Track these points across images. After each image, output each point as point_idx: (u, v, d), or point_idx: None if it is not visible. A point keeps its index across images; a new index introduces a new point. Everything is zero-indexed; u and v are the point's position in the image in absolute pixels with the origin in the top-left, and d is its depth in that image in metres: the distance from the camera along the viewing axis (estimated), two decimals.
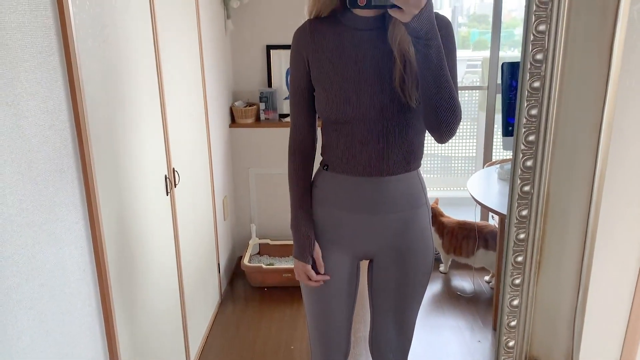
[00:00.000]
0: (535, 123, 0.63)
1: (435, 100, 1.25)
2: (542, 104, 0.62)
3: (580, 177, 0.62)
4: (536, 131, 0.63)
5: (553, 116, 0.62)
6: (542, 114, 0.62)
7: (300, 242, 1.50)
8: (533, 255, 0.68)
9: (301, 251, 1.50)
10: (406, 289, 1.52)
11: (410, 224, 1.47)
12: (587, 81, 0.59)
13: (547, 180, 0.64)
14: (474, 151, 4.82)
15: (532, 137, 0.63)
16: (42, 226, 1.24)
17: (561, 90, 0.61)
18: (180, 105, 2.29)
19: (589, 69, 0.59)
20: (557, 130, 0.62)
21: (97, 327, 1.50)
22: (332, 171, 1.46)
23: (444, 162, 4.96)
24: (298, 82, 1.45)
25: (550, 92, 0.61)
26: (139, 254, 1.80)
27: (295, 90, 1.47)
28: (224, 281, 3.19)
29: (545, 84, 0.61)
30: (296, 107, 1.48)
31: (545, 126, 0.62)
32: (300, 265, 1.52)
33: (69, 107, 1.35)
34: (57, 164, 1.30)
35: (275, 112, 3.34)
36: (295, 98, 1.47)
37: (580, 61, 0.59)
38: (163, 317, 2.05)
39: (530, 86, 0.61)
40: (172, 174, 2.14)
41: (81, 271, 1.41)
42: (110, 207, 1.58)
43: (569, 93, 0.60)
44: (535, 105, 0.62)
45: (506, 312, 0.70)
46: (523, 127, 0.63)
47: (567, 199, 0.64)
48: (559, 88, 0.60)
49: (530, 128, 0.63)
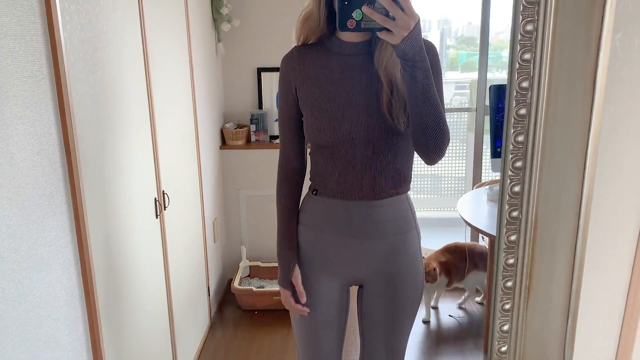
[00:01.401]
0: (522, 149, 0.63)
1: (424, 122, 1.26)
2: (528, 130, 0.63)
3: (568, 202, 0.63)
4: (523, 157, 0.64)
5: (540, 142, 0.62)
6: (529, 140, 0.63)
7: (281, 268, 1.52)
8: (522, 280, 0.68)
9: (282, 278, 1.52)
10: (397, 314, 1.51)
11: (400, 248, 1.46)
12: (573, 108, 0.60)
13: (535, 205, 0.65)
14: (464, 171, 4.85)
15: (519, 163, 0.64)
16: (30, 251, 1.23)
17: (547, 117, 0.61)
18: (170, 127, 2.29)
19: (573, 96, 0.60)
20: (543, 156, 0.63)
21: (84, 353, 1.47)
22: (321, 196, 1.46)
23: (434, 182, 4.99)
24: (286, 108, 1.46)
25: (536, 119, 0.62)
26: (127, 278, 1.78)
27: (284, 116, 1.47)
28: (214, 304, 3.16)
29: (532, 111, 0.62)
30: (285, 133, 1.49)
31: (532, 152, 0.63)
32: (283, 293, 1.53)
33: (59, 131, 1.35)
34: (45, 189, 1.29)
35: (266, 134, 3.35)
36: (284, 125, 1.48)
37: (565, 88, 0.60)
38: (152, 342, 2.02)
39: (517, 113, 0.62)
40: (162, 197, 2.13)
41: (69, 296, 1.39)
42: (98, 230, 1.57)
43: (554, 120, 0.61)
44: (522, 132, 0.63)
45: (496, 338, 0.70)
46: (510, 153, 0.64)
47: (555, 224, 0.65)
48: (545, 115, 0.61)
49: (517, 154, 0.64)
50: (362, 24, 1.18)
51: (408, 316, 1.53)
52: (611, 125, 0.61)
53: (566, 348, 0.67)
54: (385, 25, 1.14)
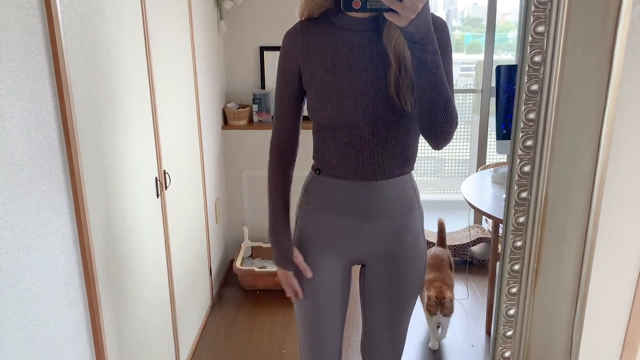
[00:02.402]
0: (533, 127, 0.61)
1: (431, 106, 1.23)
2: (540, 107, 0.60)
3: (580, 182, 0.61)
4: (534, 136, 0.61)
5: (552, 120, 0.60)
6: (541, 118, 0.60)
7: (279, 248, 1.49)
8: (530, 263, 0.65)
9: (281, 259, 1.49)
10: (399, 294, 1.50)
11: (403, 228, 1.45)
12: (587, 84, 0.57)
13: (545, 186, 0.62)
14: (468, 154, 4.82)
15: (530, 142, 0.61)
16: (27, 229, 1.21)
17: (560, 94, 0.59)
18: (171, 106, 2.26)
19: (589, 71, 0.57)
20: (555, 135, 0.60)
21: (84, 333, 1.47)
22: (324, 175, 1.44)
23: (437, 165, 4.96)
24: (287, 85, 1.41)
25: (548, 96, 0.59)
26: (128, 257, 1.77)
27: (282, 95, 1.42)
28: (216, 284, 3.16)
29: (544, 87, 0.59)
30: (282, 112, 1.44)
31: (543, 130, 0.61)
32: (282, 273, 1.50)
33: (56, 107, 1.32)
34: (43, 166, 1.27)
35: (269, 114, 3.32)
36: (282, 103, 1.43)
37: (580, 64, 0.57)
38: (153, 321, 2.02)
39: (528, 89, 0.59)
40: (163, 176, 2.11)
41: (68, 275, 1.38)
42: (98, 209, 1.55)
43: (568, 96, 0.58)
44: (533, 109, 0.60)
45: (502, 322, 0.68)
46: (520, 131, 0.61)
47: (565, 205, 0.62)
48: (557, 91, 0.59)
49: (528, 132, 0.61)
50: (367, 4, 1.14)
51: (410, 296, 1.52)
52: (628, 103, 0.58)
53: (574, 333, 0.65)
54: (391, 6, 1.10)
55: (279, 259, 1.50)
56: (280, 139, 1.47)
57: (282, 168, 1.48)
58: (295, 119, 1.45)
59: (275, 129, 1.47)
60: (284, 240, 1.48)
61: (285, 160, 1.48)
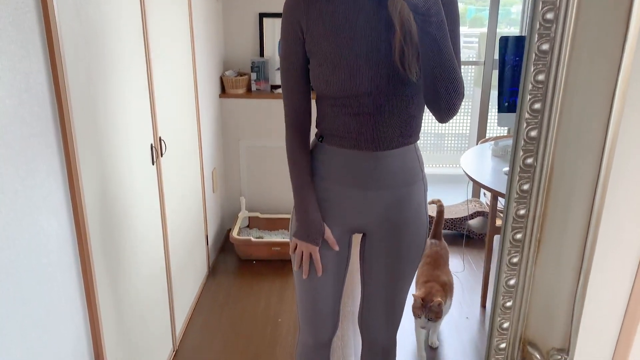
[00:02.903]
0: (542, 90, 0.58)
1: (437, 78, 1.20)
2: (550, 68, 0.57)
3: (589, 149, 0.58)
4: (542, 98, 0.58)
5: (562, 82, 0.57)
6: (550, 79, 0.57)
7: (308, 224, 1.43)
8: (533, 233, 0.63)
9: (311, 235, 1.43)
10: (398, 264, 1.49)
11: (406, 199, 1.43)
12: (602, 43, 0.54)
13: (552, 152, 0.60)
14: (467, 128, 4.78)
15: (538, 105, 0.58)
16: (18, 192, 1.18)
17: (572, 54, 0.55)
18: (167, 71, 2.21)
19: (604, 29, 0.53)
20: (565, 98, 0.57)
21: (77, 299, 1.45)
22: (327, 144, 1.41)
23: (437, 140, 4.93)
24: (292, 53, 1.36)
25: (560, 56, 0.56)
26: (123, 224, 1.75)
27: (289, 63, 1.37)
28: (213, 253, 3.16)
29: (555, 47, 0.56)
30: (290, 81, 1.39)
31: (552, 93, 0.57)
32: (305, 247, 1.45)
33: (47, 68, 1.29)
34: (34, 128, 1.24)
35: (267, 83, 3.27)
36: (289, 72, 1.38)
37: (595, 20, 0.54)
38: (148, 289, 2.01)
39: (539, 49, 0.56)
40: (159, 143, 2.08)
41: (61, 241, 1.36)
42: (91, 174, 1.52)
43: (581, 57, 0.55)
44: (543, 70, 0.57)
45: (502, 292, 0.66)
46: (529, 93, 0.58)
47: (572, 173, 0.60)
48: (569, 51, 0.55)
49: (536, 95, 0.58)
50: None
51: (411, 265, 1.50)
52: None
53: (575, 305, 0.63)
54: None
55: (308, 233, 1.43)
56: (295, 113, 1.42)
57: (301, 138, 1.43)
58: (306, 87, 1.40)
59: (288, 100, 1.41)
60: (314, 214, 1.43)
61: (301, 132, 1.43)
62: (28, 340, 1.23)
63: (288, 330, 2.56)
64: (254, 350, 2.42)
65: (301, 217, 1.44)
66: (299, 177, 1.43)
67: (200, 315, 2.68)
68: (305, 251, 1.46)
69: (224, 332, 2.55)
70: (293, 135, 1.43)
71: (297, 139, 1.43)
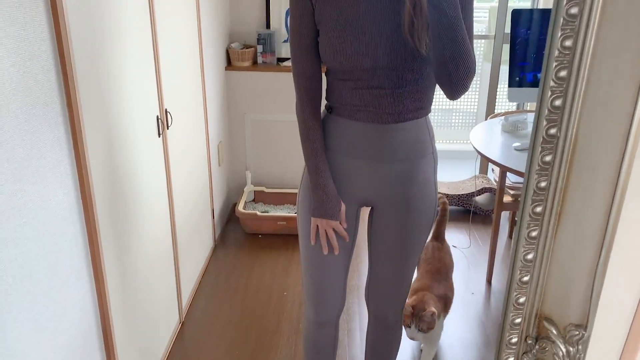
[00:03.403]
0: (569, 56, 0.55)
1: (447, 54, 1.16)
2: (578, 33, 0.54)
3: (616, 118, 0.55)
4: (569, 66, 0.55)
5: (590, 47, 0.54)
6: (578, 45, 0.54)
7: (327, 199, 1.40)
8: (553, 206, 0.61)
9: (329, 209, 1.41)
10: (407, 238, 1.47)
11: (415, 172, 1.41)
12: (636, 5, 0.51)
13: (577, 121, 0.57)
14: (475, 105, 4.72)
15: (564, 73, 0.56)
16: (23, 162, 1.17)
17: (602, 18, 0.53)
18: (173, 43, 2.18)
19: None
20: (593, 65, 0.55)
21: (84, 269, 1.45)
22: (336, 115, 1.39)
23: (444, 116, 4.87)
24: (301, 23, 1.32)
25: (589, 20, 0.53)
26: (129, 195, 1.74)
27: (299, 35, 1.34)
28: (218, 227, 3.16)
29: (584, 10, 0.53)
30: (300, 50, 1.35)
31: (579, 59, 0.55)
32: (325, 223, 1.43)
33: (52, 36, 1.26)
34: (39, 97, 1.21)
35: (273, 56, 3.22)
36: (299, 43, 1.34)
37: None
38: (155, 261, 2.01)
39: (567, 13, 0.53)
40: (165, 115, 2.06)
41: (66, 211, 1.35)
42: (98, 144, 1.50)
43: (611, 20, 0.52)
44: (571, 35, 0.54)
45: (519, 267, 0.64)
46: (555, 60, 0.55)
47: (597, 144, 0.58)
48: (599, 14, 0.52)
49: (562, 62, 0.55)
50: None
51: (419, 239, 1.49)
52: None
53: (595, 281, 0.61)
54: None
55: (326, 208, 1.41)
56: (307, 77, 1.38)
57: (311, 116, 1.39)
58: (316, 57, 1.36)
59: (299, 70, 1.38)
60: (332, 189, 1.41)
61: (313, 106, 1.40)
62: (35, 309, 1.23)
63: (293, 304, 2.57)
64: (260, 322, 2.44)
65: (319, 194, 1.41)
66: (313, 152, 1.40)
67: (207, 287, 2.69)
68: (327, 227, 1.43)
69: (230, 304, 2.57)
70: (304, 109, 1.40)
71: (308, 113, 1.39)
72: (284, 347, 2.29)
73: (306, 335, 1.68)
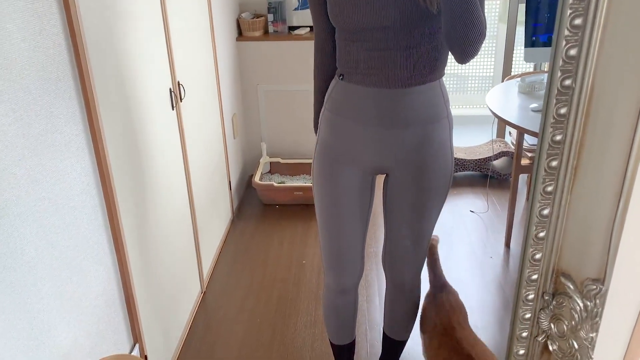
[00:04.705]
0: (584, 3, 0.53)
1: (457, 16, 1.14)
2: None
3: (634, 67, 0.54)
4: (584, 13, 0.54)
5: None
6: None
7: None
8: (569, 160, 0.60)
9: None
10: (422, 203, 1.47)
11: (429, 138, 1.39)
12: None
13: (592, 73, 0.56)
14: (491, 70, 4.63)
15: (579, 21, 0.54)
16: (39, 137, 1.18)
17: None
18: (183, 14, 2.16)
19: None
20: (609, 12, 0.53)
21: (104, 242, 1.48)
22: (348, 81, 1.37)
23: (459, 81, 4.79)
24: None
25: None
26: (145, 168, 1.76)
27: None
28: (236, 199, 3.18)
29: None
30: (313, 13, 1.42)
31: (595, 5, 0.53)
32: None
33: (61, 10, 1.25)
34: (51, 72, 1.22)
35: (285, 24, 3.18)
36: (312, 4, 1.40)
37: None
38: (174, 233, 2.04)
39: None
40: (178, 88, 2.05)
41: (84, 184, 1.37)
42: (112, 118, 1.51)
43: None
44: None
45: (534, 222, 0.64)
46: (569, 8, 0.53)
47: (614, 95, 0.56)
48: None
49: (577, 10, 0.54)
50: None
51: (435, 203, 1.48)
52: None
53: (613, 234, 0.61)
54: None
55: None
56: (318, 44, 1.47)
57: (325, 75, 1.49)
58: (328, 20, 1.40)
59: (314, 35, 1.48)
60: None
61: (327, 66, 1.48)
62: (58, 281, 1.26)
63: (312, 272, 2.59)
64: (279, 291, 2.47)
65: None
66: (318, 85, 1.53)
67: (227, 257, 2.73)
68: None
69: (250, 274, 2.60)
70: (320, 66, 1.49)
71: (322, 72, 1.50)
72: (304, 313, 2.32)
73: (326, 302, 1.70)
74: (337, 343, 1.77)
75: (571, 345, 0.67)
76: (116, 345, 1.55)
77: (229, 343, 2.18)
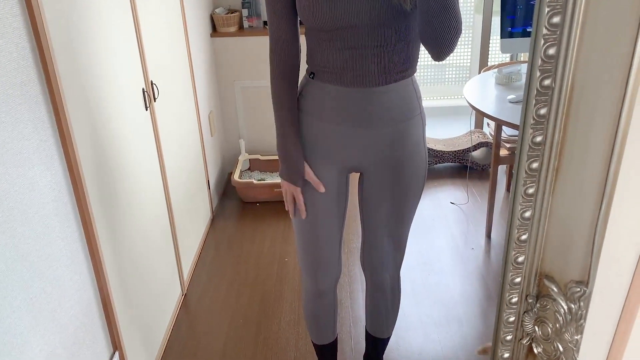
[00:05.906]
0: (562, 0, 0.52)
1: (435, 12, 1.11)
2: None
3: (614, 66, 0.52)
4: (562, 10, 0.52)
5: None
6: None
7: (289, 164, 1.40)
8: (550, 161, 0.59)
9: (290, 174, 1.40)
10: (399, 202, 1.45)
11: (404, 135, 1.37)
12: None
13: (572, 71, 0.54)
14: (468, 60, 4.64)
15: (557, 19, 0.52)
16: (6, 145, 1.13)
17: None
18: (154, 10, 2.11)
19: None
20: (588, 10, 0.51)
21: (79, 249, 1.44)
22: (319, 80, 1.34)
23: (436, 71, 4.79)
24: None
25: None
26: (119, 171, 1.71)
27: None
28: (215, 198, 3.14)
29: None
30: (275, 13, 1.30)
31: (573, 4, 0.51)
32: (290, 189, 1.43)
33: (24, 11, 1.20)
34: (15, 77, 1.17)
35: (260, 19, 3.14)
36: (274, 3, 1.29)
37: None
38: (152, 235, 2.00)
39: None
40: (151, 87, 2.01)
41: (56, 192, 1.32)
42: (82, 122, 1.46)
43: None
44: None
45: (516, 225, 0.62)
46: (546, 5, 0.52)
47: (594, 95, 0.55)
48: None
49: (554, 7, 0.52)
50: None
51: (412, 205, 1.47)
52: None
53: (596, 236, 0.59)
54: None
55: (288, 173, 1.41)
56: (277, 45, 1.33)
57: (284, 78, 1.35)
58: (291, 21, 1.31)
59: (271, 35, 1.34)
60: (295, 154, 1.39)
61: (287, 69, 1.35)
62: (30, 292, 1.22)
63: (295, 270, 2.57)
64: (262, 289, 2.45)
65: (282, 157, 1.41)
66: (281, 115, 1.37)
67: (207, 258, 2.70)
68: (290, 192, 1.44)
69: (232, 273, 2.57)
70: (277, 71, 1.35)
71: (280, 75, 1.35)
72: (288, 312, 2.30)
73: (305, 304, 1.69)
74: (319, 343, 1.76)
75: (556, 347, 0.66)
76: (95, 354, 1.52)
77: (212, 345, 2.15)
